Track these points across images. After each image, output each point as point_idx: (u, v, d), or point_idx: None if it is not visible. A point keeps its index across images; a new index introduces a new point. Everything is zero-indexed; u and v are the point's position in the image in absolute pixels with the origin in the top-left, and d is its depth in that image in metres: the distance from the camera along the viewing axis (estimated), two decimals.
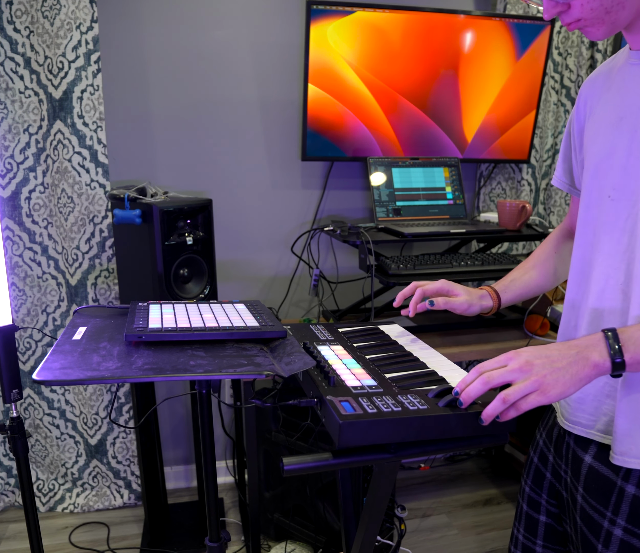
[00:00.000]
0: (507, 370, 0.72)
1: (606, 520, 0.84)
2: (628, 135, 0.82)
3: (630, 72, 0.84)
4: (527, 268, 1.13)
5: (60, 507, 2.19)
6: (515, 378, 0.71)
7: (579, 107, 0.97)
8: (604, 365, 0.71)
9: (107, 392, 2.11)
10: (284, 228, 2.27)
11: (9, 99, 1.88)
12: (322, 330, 1.11)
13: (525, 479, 1.05)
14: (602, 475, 0.85)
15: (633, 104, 0.82)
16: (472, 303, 1.07)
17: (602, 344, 0.72)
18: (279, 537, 1.96)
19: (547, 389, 0.70)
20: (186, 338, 0.90)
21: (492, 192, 2.43)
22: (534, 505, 1.02)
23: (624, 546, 0.82)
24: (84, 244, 1.97)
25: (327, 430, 0.74)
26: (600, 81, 0.92)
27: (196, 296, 1.70)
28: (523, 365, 0.72)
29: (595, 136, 0.89)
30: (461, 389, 0.74)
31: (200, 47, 2.06)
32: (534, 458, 1.04)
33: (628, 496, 0.82)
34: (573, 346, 0.73)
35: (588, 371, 0.71)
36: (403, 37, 2.03)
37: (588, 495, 0.88)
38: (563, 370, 0.71)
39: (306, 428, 1.76)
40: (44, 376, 0.74)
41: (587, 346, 0.73)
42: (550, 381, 0.70)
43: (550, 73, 2.32)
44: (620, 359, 0.71)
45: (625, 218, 0.82)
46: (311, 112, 2.02)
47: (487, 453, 2.61)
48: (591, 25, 0.78)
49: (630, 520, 0.81)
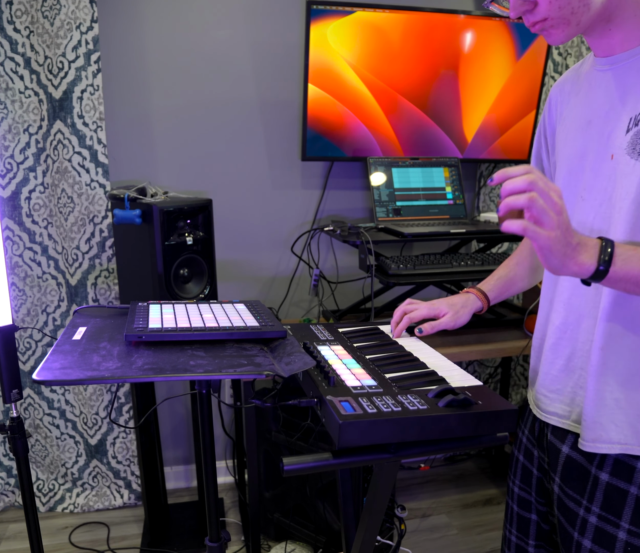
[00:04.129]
0: (531, 196, 0.67)
1: (582, 508, 0.86)
2: (597, 137, 0.85)
3: (596, 77, 0.87)
4: (510, 266, 1.16)
5: (60, 507, 2.19)
6: (535, 204, 0.67)
7: (550, 111, 1.00)
8: (588, 267, 0.71)
9: (107, 392, 2.11)
10: (284, 228, 2.27)
11: (9, 99, 1.88)
12: (322, 330, 1.11)
13: (512, 480, 1.06)
14: (577, 464, 0.88)
15: (599, 108, 0.85)
16: (459, 316, 1.10)
17: (595, 250, 0.72)
18: (279, 537, 1.96)
19: (552, 248, 0.68)
20: (186, 338, 0.90)
21: (492, 192, 2.43)
22: (524, 504, 1.04)
23: (599, 533, 0.84)
24: (84, 244, 1.97)
25: (327, 430, 0.74)
26: (569, 86, 0.95)
27: (196, 296, 1.70)
28: (557, 209, 0.68)
29: (566, 139, 0.92)
30: (502, 179, 0.70)
31: (200, 47, 2.06)
32: (519, 457, 1.05)
33: (602, 484, 0.84)
34: (576, 235, 0.71)
35: (573, 263, 0.71)
36: (403, 37, 2.03)
37: (565, 484, 0.90)
38: (562, 237, 0.69)
39: (306, 428, 1.76)
40: (44, 376, 0.74)
41: (585, 244, 0.72)
42: (557, 245, 0.68)
43: (550, 73, 2.32)
44: (605, 267, 0.71)
45: (592, 217, 0.85)
46: (311, 112, 2.02)
47: (487, 453, 2.61)
48: (556, 26, 0.79)
49: (605, 507, 0.84)
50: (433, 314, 1.11)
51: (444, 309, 1.10)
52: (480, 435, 0.76)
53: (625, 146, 0.79)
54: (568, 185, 0.91)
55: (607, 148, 0.83)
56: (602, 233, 0.84)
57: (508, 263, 1.17)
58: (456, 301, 1.12)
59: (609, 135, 0.83)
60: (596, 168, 0.85)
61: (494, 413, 0.75)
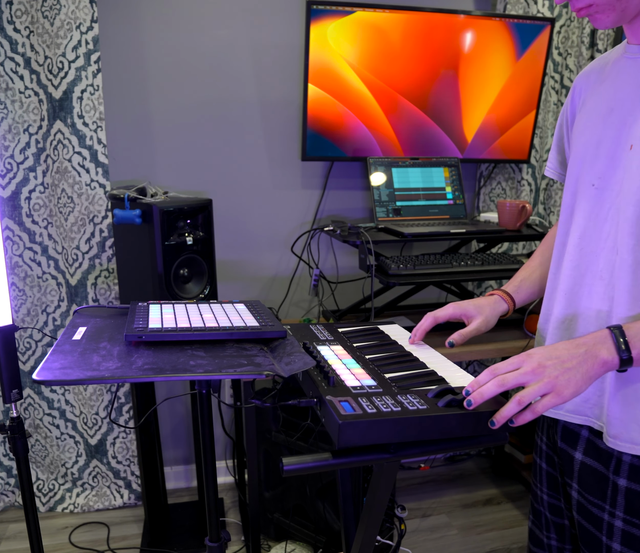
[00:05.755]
0: (520, 372, 0.73)
1: (606, 513, 0.86)
2: (617, 126, 0.83)
3: (625, 64, 0.85)
4: (533, 267, 1.12)
5: (60, 507, 2.19)
6: (528, 380, 0.72)
7: (573, 99, 0.99)
8: (612, 361, 0.73)
9: (107, 392, 2.11)
10: (284, 228, 2.27)
11: (9, 99, 1.88)
12: (322, 330, 1.11)
13: (539, 487, 1.04)
14: (593, 470, 0.87)
15: (625, 96, 0.83)
16: (488, 321, 1.05)
17: (609, 341, 0.74)
18: (279, 537, 1.96)
19: (561, 390, 0.71)
20: (186, 338, 0.90)
21: (492, 192, 2.43)
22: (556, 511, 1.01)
23: (627, 536, 0.84)
24: (84, 244, 1.97)
25: (327, 430, 0.74)
26: (595, 75, 0.94)
27: (196, 296, 1.70)
28: (536, 367, 0.73)
29: (585, 126, 0.91)
30: (473, 389, 0.74)
31: (200, 47, 2.06)
32: (542, 464, 1.03)
33: (622, 489, 0.84)
34: (581, 345, 0.74)
35: (597, 368, 0.73)
36: (403, 37, 2.03)
37: (584, 490, 0.89)
38: (574, 369, 0.72)
39: (306, 428, 1.76)
40: (44, 376, 0.74)
41: (594, 343, 0.74)
42: (562, 382, 0.71)
43: (550, 73, 2.32)
44: (627, 355, 0.72)
45: (608, 207, 0.84)
46: (311, 112, 2.02)
47: (487, 453, 2.61)
48: (602, 12, 0.78)
49: (628, 511, 0.84)
50: (459, 314, 1.05)
51: (471, 311, 1.04)
52: (480, 435, 0.76)
53: None
54: (581, 172, 0.89)
55: (628, 138, 0.81)
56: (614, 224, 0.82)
57: (530, 263, 1.13)
58: (483, 303, 1.06)
59: (630, 124, 0.81)
60: (612, 156, 0.83)
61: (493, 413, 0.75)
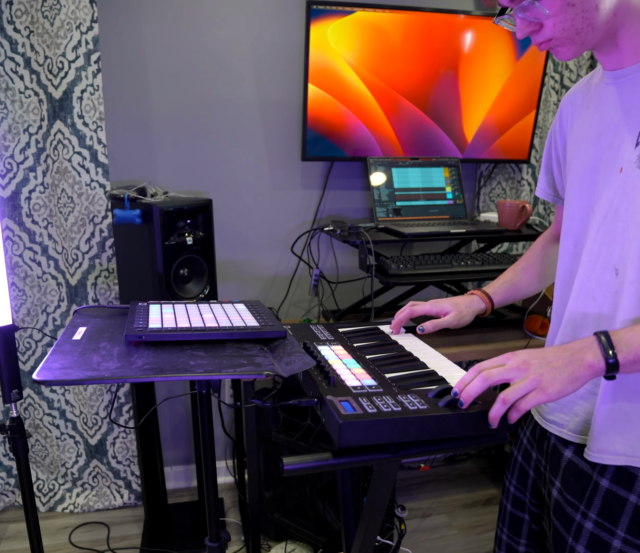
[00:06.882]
0: (505, 368, 0.74)
1: (579, 513, 0.86)
2: (607, 150, 0.85)
3: (606, 91, 0.87)
4: (517, 271, 1.16)
5: (60, 507, 2.19)
6: (513, 376, 0.73)
7: (562, 123, 1.01)
8: (598, 365, 0.73)
9: (107, 392, 2.11)
10: (284, 228, 2.27)
11: (9, 99, 1.88)
12: (322, 330, 1.11)
13: (509, 479, 1.07)
14: (579, 469, 0.88)
15: (609, 121, 0.86)
16: (462, 316, 1.09)
17: (595, 346, 0.74)
18: (279, 537, 1.96)
19: (546, 387, 0.71)
20: (186, 338, 0.90)
21: (492, 192, 2.43)
22: (518, 504, 1.04)
23: (593, 539, 0.84)
24: (84, 244, 1.97)
25: (327, 430, 0.74)
26: (580, 98, 0.96)
27: (196, 296, 1.70)
28: (520, 364, 0.73)
29: (577, 152, 0.93)
30: (460, 389, 0.75)
31: (200, 47, 2.06)
32: (518, 457, 1.05)
33: (602, 490, 0.84)
34: (567, 348, 0.75)
35: (583, 371, 0.73)
36: (403, 37, 2.03)
37: (564, 489, 0.90)
38: (560, 369, 0.73)
39: (306, 428, 1.76)
40: (44, 376, 0.74)
41: (581, 348, 0.75)
42: (548, 379, 0.72)
43: (550, 73, 2.32)
44: (614, 359, 0.73)
45: (596, 229, 0.86)
46: (311, 112, 2.02)
47: (487, 453, 2.61)
48: (561, 45, 0.80)
49: (602, 513, 0.84)
50: (435, 311, 1.10)
51: (447, 307, 1.10)
52: (480, 435, 0.76)
53: (634, 159, 0.80)
54: (579, 198, 0.91)
55: (616, 161, 0.83)
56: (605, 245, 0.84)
57: (515, 267, 1.17)
58: (460, 301, 1.12)
59: (618, 148, 0.83)
60: (605, 181, 0.85)
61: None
